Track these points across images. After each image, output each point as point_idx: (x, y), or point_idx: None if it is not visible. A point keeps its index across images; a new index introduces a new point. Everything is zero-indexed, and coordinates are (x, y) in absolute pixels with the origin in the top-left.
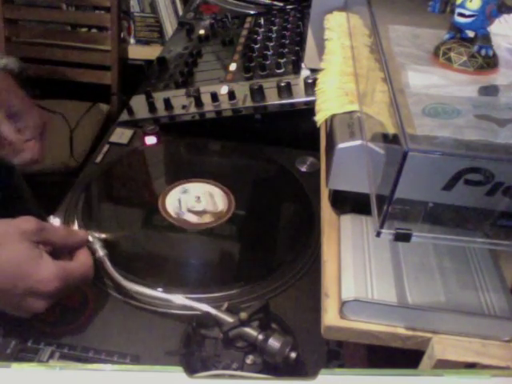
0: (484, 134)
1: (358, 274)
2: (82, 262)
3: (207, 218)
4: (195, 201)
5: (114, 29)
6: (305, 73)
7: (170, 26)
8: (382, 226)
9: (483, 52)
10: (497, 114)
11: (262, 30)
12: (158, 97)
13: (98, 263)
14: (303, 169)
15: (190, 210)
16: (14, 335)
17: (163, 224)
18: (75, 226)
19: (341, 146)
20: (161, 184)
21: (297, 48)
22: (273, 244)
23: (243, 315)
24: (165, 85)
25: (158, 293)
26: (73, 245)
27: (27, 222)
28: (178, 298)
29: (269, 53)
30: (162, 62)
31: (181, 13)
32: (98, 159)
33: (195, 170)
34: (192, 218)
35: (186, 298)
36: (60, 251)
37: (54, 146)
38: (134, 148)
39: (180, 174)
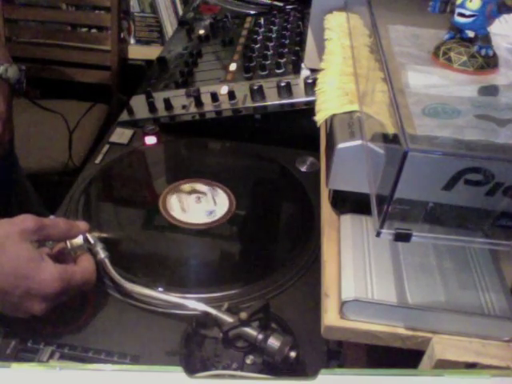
0: (484, 134)
1: (358, 273)
2: (84, 266)
3: (208, 218)
4: (195, 201)
5: (114, 29)
6: (305, 73)
7: (170, 26)
8: (382, 226)
9: (483, 52)
10: (497, 114)
11: (262, 29)
12: (158, 97)
13: (99, 265)
14: (303, 169)
15: (187, 211)
16: (14, 335)
17: (163, 224)
18: None
19: (341, 146)
20: (161, 184)
21: (297, 48)
22: (273, 244)
23: (243, 315)
24: (165, 85)
25: (161, 294)
26: (74, 237)
27: (27, 222)
28: (179, 299)
29: (269, 53)
30: (162, 61)
31: (181, 13)
32: (98, 159)
33: (195, 169)
34: (192, 218)
35: (185, 297)
36: (63, 254)
37: (54, 146)
38: (134, 148)
39: (180, 173)
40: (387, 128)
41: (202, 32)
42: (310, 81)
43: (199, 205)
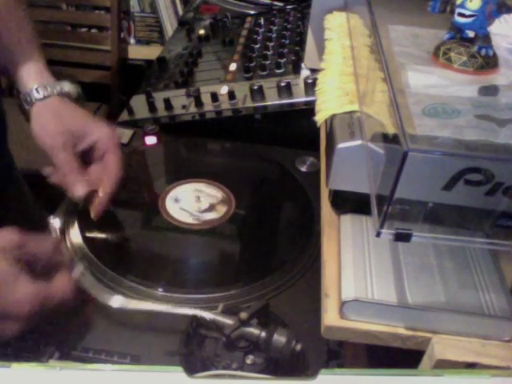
0: (484, 134)
1: (358, 273)
2: (61, 283)
3: (207, 218)
4: (195, 201)
5: (114, 29)
6: (305, 73)
7: (170, 26)
8: (382, 226)
9: (483, 52)
10: (497, 114)
11: (262, 30)
12: (158, 97)
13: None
14: (303, 169)
15: (187, 211)
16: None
17: (163, 224)
18: (75, 227)
19: (341, 145)
20: (161, 184)
21: (297, 48)
22: (273, 244)
23: (243, 315)
24: (165, 85)
25: (152, 306)
26: (56, 262)
27: (7, 238)
28: (171, 308)
29: (269, 53)
30: (162, 61)
31: (181, 13)
32: None
33: (195, 170)
34: (192, 219)
35: (183, 297)
36: (41, 266)
37: None
38: (134, 148)
39: (180, 174)
40: (387, 128)
41: (202, 32)
42: (310, 81)
43: (199, 205)
